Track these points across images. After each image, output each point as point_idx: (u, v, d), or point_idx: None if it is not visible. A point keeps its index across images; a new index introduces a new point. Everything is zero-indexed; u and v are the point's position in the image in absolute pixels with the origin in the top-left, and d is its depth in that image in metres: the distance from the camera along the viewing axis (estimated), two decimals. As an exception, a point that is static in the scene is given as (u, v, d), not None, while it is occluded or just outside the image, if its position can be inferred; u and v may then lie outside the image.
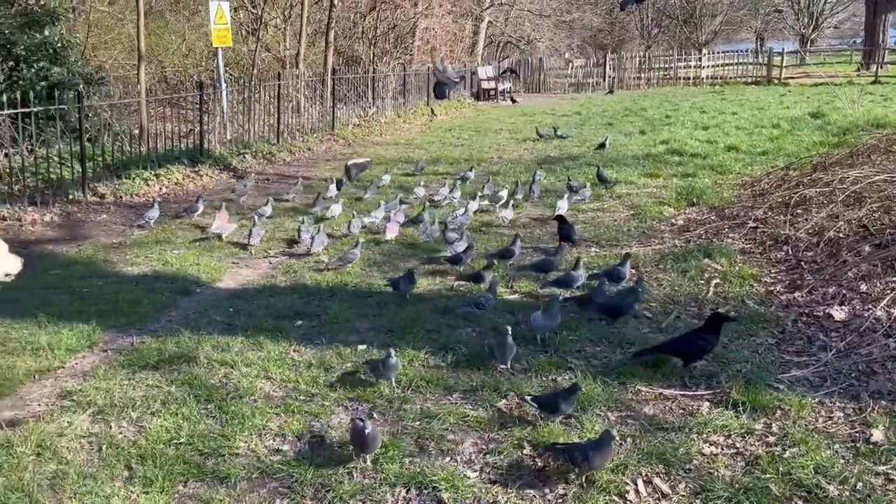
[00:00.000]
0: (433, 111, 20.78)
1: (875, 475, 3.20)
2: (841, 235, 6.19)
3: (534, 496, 3.14)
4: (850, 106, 15.46)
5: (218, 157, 11.65)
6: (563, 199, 8.13)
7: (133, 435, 3.62)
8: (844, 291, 5.19)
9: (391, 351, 4.02)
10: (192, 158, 11.20)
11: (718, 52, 34.60)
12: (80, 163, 9.22)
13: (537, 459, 3.39)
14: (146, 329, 5.00)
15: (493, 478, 3.27)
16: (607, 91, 29.32)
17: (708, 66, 30.88)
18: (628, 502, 3.08)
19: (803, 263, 5.91)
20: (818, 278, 5.52)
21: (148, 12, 15.49)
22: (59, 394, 4.06)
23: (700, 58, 31.63)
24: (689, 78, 30.55)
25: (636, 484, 3.19)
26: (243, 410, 3.80)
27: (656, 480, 3.22)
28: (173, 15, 19.87)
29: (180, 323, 5.07)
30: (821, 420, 3.69)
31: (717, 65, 31.12)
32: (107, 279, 6.16)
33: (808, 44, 45.18)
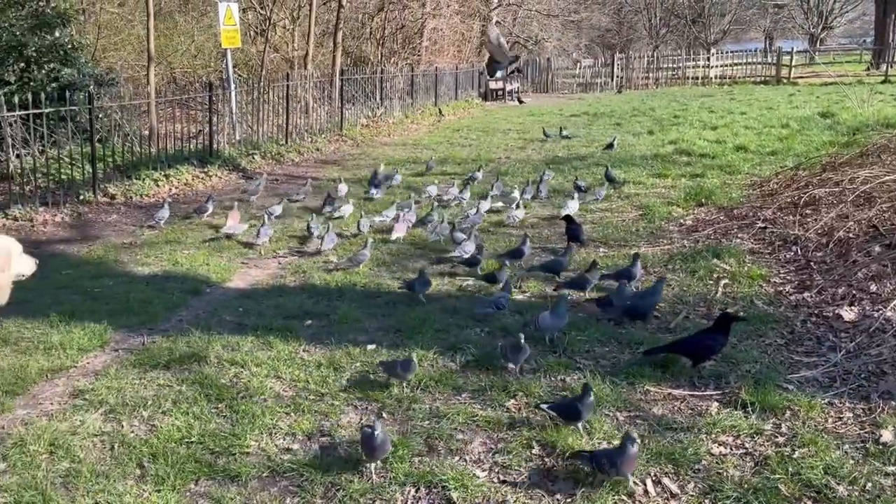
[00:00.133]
0: (441, 111, 20.81)
1: (884, 476, 3.19)
2: (851, 236, 6.17)
3: (542, 495, 3.15)
4: (860, 105, 15.38)
5: (227, 158, 11.70)
6: (574, 200, 8.12)
7: (145, 434, 3.65)
8: (854, 292, 5.17)
9: (412, 355, 4.02)
10: (202, 159, 11.26)
11: (727, 52, 34.45)
12: (91, 163, 9.29)
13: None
14: (157, 329, 5.04)
15: (503, 477, 3.28)
16: (616, 91, 29.28)
17: (716, 66, 30.80)
18: (637, 502, 3.09)
19: (813, 264, 5.89)
20: (828, 279, 5.50)
21: (157, 14, 15.56)
22: (72, 393, 4.10)
23: (709, 57, 31.56)
24: (698, 78, 30.48)
25: (645, 484, 3.20)
26: (253, 410, 3.82)
27: (665, 480, 3.23)
28: (182, 16, 19.99)
29: (191, 323, 5.10)
30: (830, 421, 3.69)
31: (726, 64, 31.03)
32: (118, 279, 6.21)
33: (818, 43, 45.01)
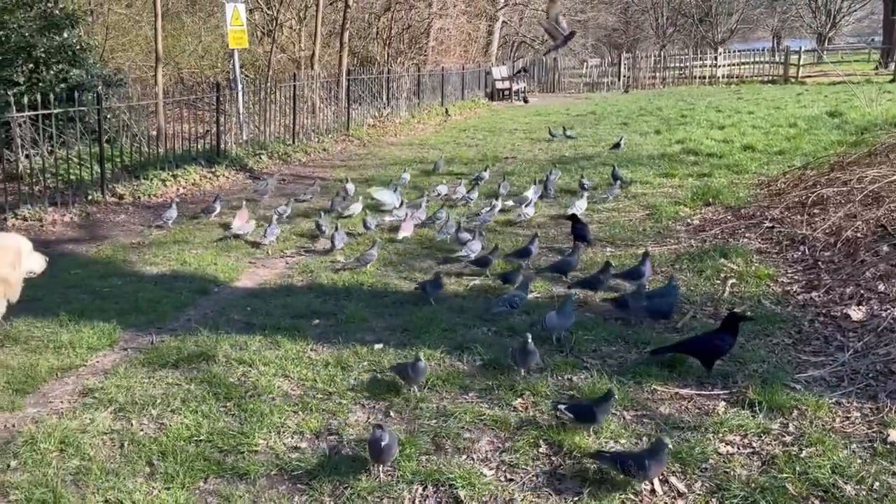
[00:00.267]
0: (447, 111, 20.82)
1: (892, 475, 3.19)
2: (859, 235, 6.14)
3: (549, 494, 3.15)
4: (868, 104, 15.31)
5: (234, 158, 11.74)
6: (583, 199, 8.12)
7: (154, 432, 3.67)
8: (862, 291, 5.16)
9: (419, 355, 3.99)
10: (209, 159, 11.31)
11: (734, 51, 34.36)
12: (100, 164, 9.34)
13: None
14: (165, 328, 5.07)
15: (510, 476, 3.29)
16: (623, 90, 29.24)
17: (724, 65, 30.70)
18: (644, 501, 3.10)
19: (820, 263, 5.88)
20: (835, 278, 5.49)
21: (165, 14, 15.63)
22: (81, 391, 4.13)
23: (716, 57, 31.46)
24: (705, 77, 30.40)
25: (652, 483, 3.19)
26: (262, 408, 3.84)
27: (672, 479, 3.23)
28: (190, 17, 20.07)
29: (199, 322, 5.13)
30: (838, 420, 3.68)
31: (734, 64, 30.92)
32: (126, 279, 6.25)
33: (826, 42, 44.81)
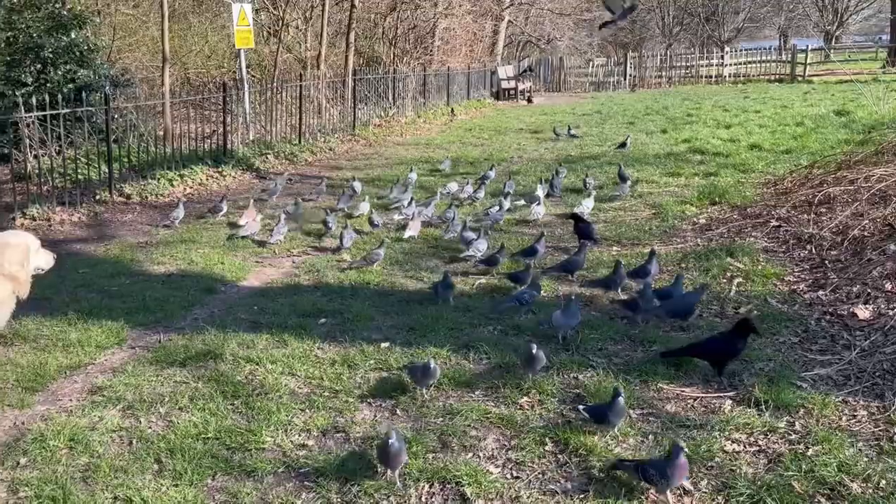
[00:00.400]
0: (453, 111, 20.84)
1: (899, 474, 3.19)
2: (866, 234, 6.13)
3: (555, 492, 3.16)
4: (876, 103, 15.25)
5: (241, 158, 11.78)
6: (590, 198, 8.12)
7: (162, 429, 3.70)
8: (869, 290, 5.14)
9: (430, 360, 3.98)
10: (216, 159, 11.34)
11: (741, 50, 34.27)
12: (107, 163, 9.39)
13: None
14: (173, 327, 5.10)
15: (516, 473, 3.30)
16: (629, 90, 29.20)
17: (730, 64, 30.61)
18: (650, 499, 3.10)
19: (827, 262, 5.87)
20: (842, 277, 5.48)
21: (171, 15, 15.68)
22: (90, 389, 4.16)
23: (722, 56, 31.37)
24: (712, 76, 30.32)
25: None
26: (269, 406, 3.86)
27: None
28: (196, 17, 20.10)
29: (206, 321, 5.16)
30: (844, 418, 3.68)
31: (740, 62, 30.84)
32: (134, 278, 6.28)
33: (833, 40, 44.61)
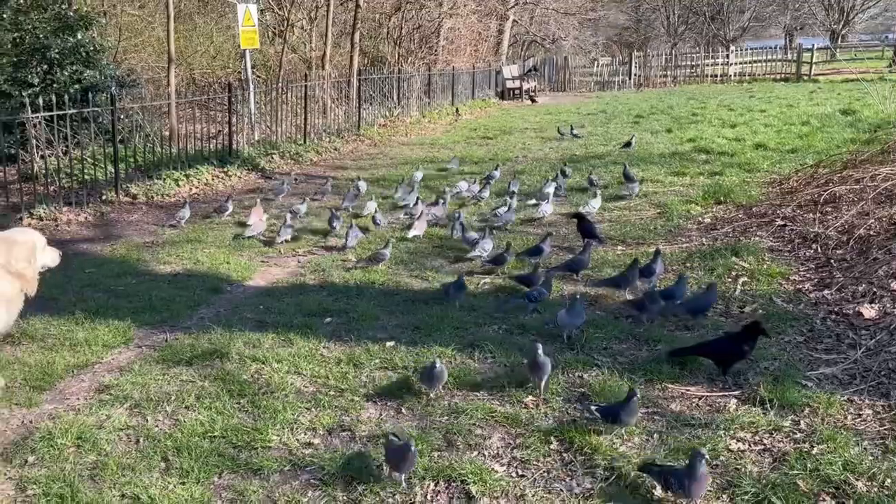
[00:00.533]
0: (458, 111, 20.85)
1: (905, 472, 3.19)
2: (871, 233, 6.12)
3: (560, 490, 3.17)
4: (882, 102, 15.19)
5: (246, 158, 11.81)
6: (597, 198, 8.11)
7: (169, 428, 3.72)
8: (875, 289, 5.14)
9: (436, 360, 3.96)
10: (221, 159, 11.37)
11: (746, 49, 34.19)
12: (114, 164, 9.42)
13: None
14: (179, 326, 5.12)
15: (521, 472, 3.31)
16: (635, 89, 29.16)
17: (736, 63, 30.56)
18: (655, 497, 3.11)
19: (833, 261, 5.86)
20: (848, 276, 5.47)
21: (177, 16, 15.70)
22: (97, 388, 4.18)
23: (728, 55, 31.31)
24: (717, 75, 30.27)
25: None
26: (275, 405, 3.88)
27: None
28: (202, 18, 20.17)
29: (212, 320, 5.18)
30: (849, 417, 3.68)
31: (746, 62, 30.79)
32: (140, 277, 6.31)
33: (839, 39, 44.46)
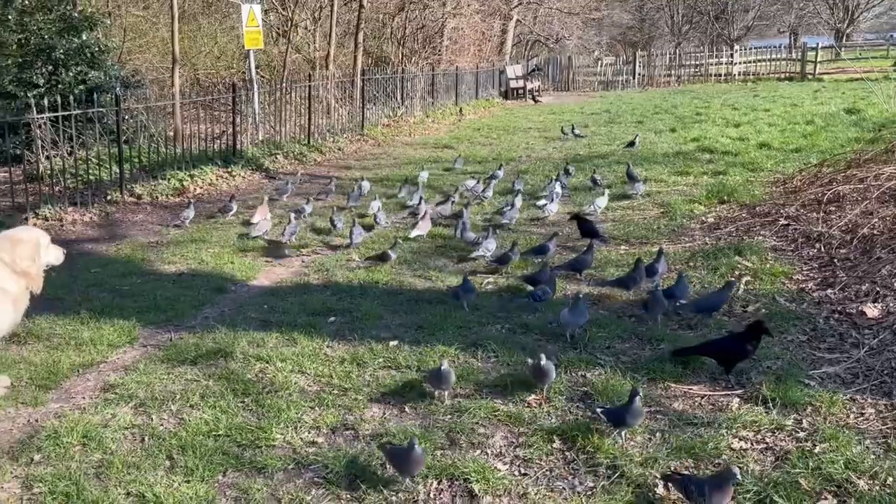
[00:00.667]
0: (461, 111, 20.85)
1: (907, 471, 3.19)
2: (875, 232, 6.11)
3: (563, 489, 3.18)
4: (886, 101, 15.17)
5: (250, 158, 11.83)
6: (603, 196, 8.12)
7: (174, 427, 3.74)
8: (878, 288, 5.13)
9: (443, 361, 3.95)
10: (226, 159, 11.41)
11: (751, 48, 34.12)
12: (118, 164, 9.46)
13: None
14: (184, 325, 5.14)
15: (523, 470, 3.32)
16: (639, 89, 29.14)
17: (740, 63, 30.49)
18: (657, 496, 3.12)
19: (836, 260, 5.86)
20: (851, 275, 5.47)
21: (181, 16, 15.77)
22: (102, 387, 4.20)
23: (732, 54, 31.25)
24: (721, 75, 30.23)
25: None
26: (279, 404, 3.90)
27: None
28: (206, 18, 20.24)
29: (217, 319, 5.20)
30: (852, 416, 3.68)
31: (750, 61, 30.72)
32: (145, 277, 6.34)
33: (844, 38, 44.33)
